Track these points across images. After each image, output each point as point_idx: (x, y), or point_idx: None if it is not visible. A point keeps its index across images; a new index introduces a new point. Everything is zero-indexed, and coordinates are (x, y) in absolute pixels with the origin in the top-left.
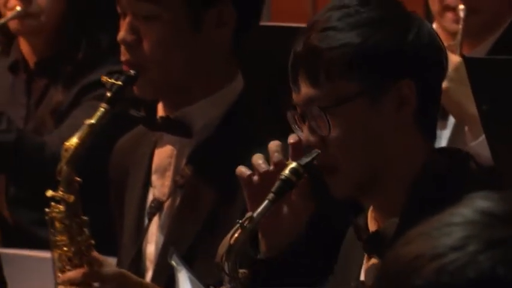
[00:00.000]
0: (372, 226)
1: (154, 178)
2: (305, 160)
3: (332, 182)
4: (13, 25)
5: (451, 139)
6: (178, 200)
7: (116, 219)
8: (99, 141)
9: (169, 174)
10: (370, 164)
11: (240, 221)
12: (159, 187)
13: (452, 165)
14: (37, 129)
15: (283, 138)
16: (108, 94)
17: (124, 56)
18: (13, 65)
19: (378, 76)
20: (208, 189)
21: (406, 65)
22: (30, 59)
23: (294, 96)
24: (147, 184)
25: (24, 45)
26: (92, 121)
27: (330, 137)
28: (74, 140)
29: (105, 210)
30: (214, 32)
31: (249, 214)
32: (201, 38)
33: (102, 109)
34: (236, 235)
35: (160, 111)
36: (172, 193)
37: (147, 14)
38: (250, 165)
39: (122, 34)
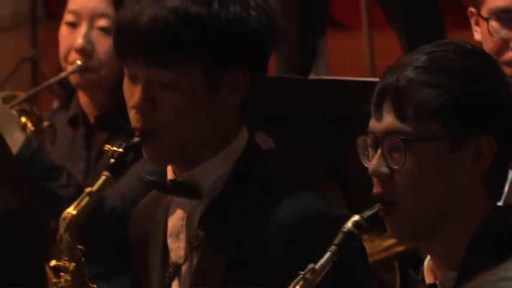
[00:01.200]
0: (428, 278)
1: (170, 242)
2: (368, 213)
3: (391, 220)
4: (73, 79)
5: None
6: (194, 262)
7: (143, 283)
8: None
9: (183, 236)
10: (432, 207)
11: (302, 273)
12: (175, 250)
13: None
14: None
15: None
16: (110, 162)
17: (137, 123)
18: (72, 118)
19: (464, 126)
20: (223, 248)
21: (492, 121)
22: (90, 113)
23: (373, 122)
24: (166, 248)
25: (83, 99)
26: (92, 189)
27: (401, 170)
28: (72, 208)
29: None
30: (229, 95)
31: (310, 266)
32: (216, 102)
33: (103, 177)
34: (298, 287)
35: (170, 173)
36: (188, 256)
37: (165, 82)
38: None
39: (137, 101)
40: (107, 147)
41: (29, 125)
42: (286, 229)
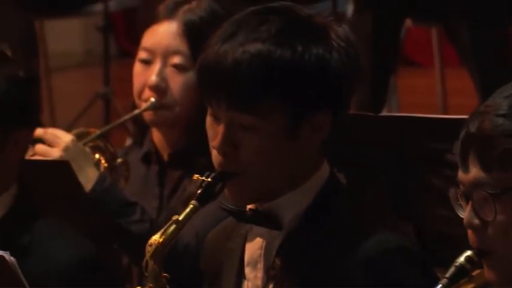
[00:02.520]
0: None
1: (247, 271)
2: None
3: (488, 266)
4: (147, 116)
5: None
6: None
7: None
8: None
9: (260, 266)
10: None
11: None
12: (253, 279)
13: None
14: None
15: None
16: (198, 191)
17: (219, 164)
18: (146, 156)
19: None
20: (300, 279)
21: None
22: (163, 150)
23: (461, 174)
24: (241, 277)
25: (157, 137)
26: (179, 218)
27: (493, 222)
28: (158, 235)
29: None
30: (311, 137)
31: None
32: (298, 143)
33: (191, 206)
34: None
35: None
36: (265, 285)
37: (246, 125)
38: (340, 251)
39: (219, 143)
40: (195, 176)
41: (103, 161)
42: (365, 262)
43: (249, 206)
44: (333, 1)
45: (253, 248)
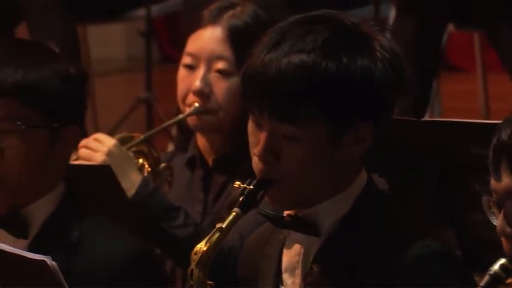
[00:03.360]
0: None
1: (285, 277)
2: None
3: None
4: (191, 121)
5: None
6: None
7: None
8: None
9: (298, 272)
10: None
11: None
12: (290, 286)
13: None
14: (214, 225)
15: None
16: (240, 199)
17: (260, 171)
18: (190, 160)
19: None
20: (338, 287)
21: None
22: (208, 155)
23: (493, 182)
24: (278, 283)
25: (201, 141)
26: (222, 225)
27: None
28: (203, 244)
29: None
30: (352, 147)
31: None
32: (339, 154)
33: (233, 213)
34: None
35: None
36: None
37: (288, 135)
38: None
39: (261, 151)
40: (237, 184)
41: (146, 166)
42: (403, 267)
43: (287, 212)
44: (375, 6)
45: (291, 254)
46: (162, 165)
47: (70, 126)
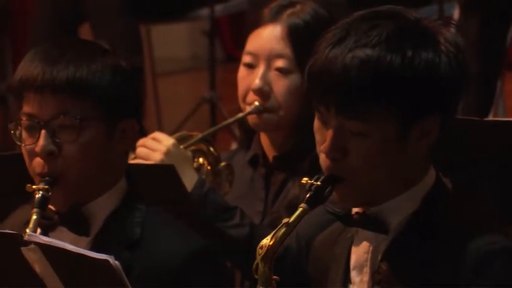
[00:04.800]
0: None
1: (353, 275)
2: None
3: None
4: (251, 120)
5: None
6: None
7: None
8: None
9: (366, 270)
10: None
11: None
12: (358, 283)
13: None
14: (273, 224)
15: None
16: (308, 195)
17: (327, 168)
18: (253, 159)
19: None
20: (406, 284)
21: None
22: (270, 153)
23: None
24: (346, 281)
25: (264, 139)
26: (289, 220)
27: None
28: (269, 238)
29: None
30: (419, 142)
31: None
32: (406, 148)
33: (300, 208)
34: None
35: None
36: None
37: (355, 131)
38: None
39: (327, 148)
40: (304, 180)
41: (206, 165)
42: (472, 264)
43: (355, 210)
44: (439, 5)
45: (360, 252)
46: (222, 164)
47: (127, 119)
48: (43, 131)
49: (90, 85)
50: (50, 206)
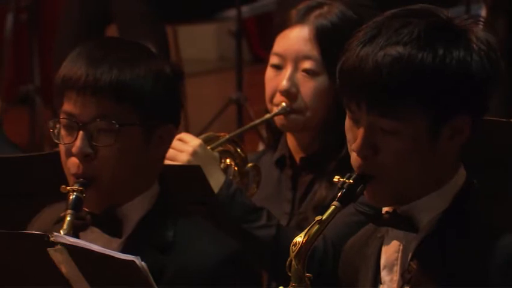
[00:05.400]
0: None
1: (383, 274)
2: None
3: None
4: (278, 121)
5: None
6: None
7: None
8: None
9: (397, 269)
10: None
11: None
12: (388, 283)
13: None
14: (300, 225)
15: None
16: (339, 193)
17: (358, 166)
18: (279, 160)
19: None
20: (436, 283)
21: None
22: (297, 154)
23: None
24: (376, 281)
25: (291, 141)
26: (322, 218)
27: None
28: (302, 236)
29: None
30: (451, 140)
31: None
32: (438, 147)
33: (333, 206)
34: None
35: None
36: None
37: (387, 129)
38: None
39: (359, 146)
40: (336, 178)
41: (233, 166)
42: (502, 263)
43: (386, 209)
44: (466, 6)
45: (390, 251)
46: (249, 164)
47: (165, 125)
48: (81, 132)
49: (132, 90)
50: (83, 207)
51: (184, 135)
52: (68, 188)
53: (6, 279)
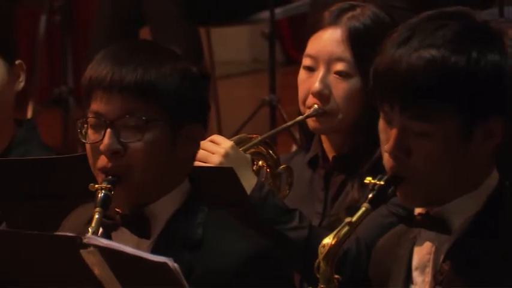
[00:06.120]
0: None
1: (415, 275)
2: None
3: None
4: (311, 123)
5: None
6: None
7: None
8: None
9: (428, 270)
10: None
11: None
12: (420, 284)
13: None
14: (332, 226)
15: None
16: (370, 194)
17: (390, 167)
18: (312, 159)
19: None
20: (468, 285)
21: None
22: (329, 154)
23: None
24: (408, 282)
25: (324, 141)
26: (352, 219)
27: None
28: (331, 237)
29: None
30: (483, 143)
31: None
32: (470, 150)
33: (363, 208)
34: None
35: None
36: None
37: (419, 131)
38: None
39: (391, 147)
40: (368, 179)
41: (265, 167)
42: None
43: (418, 210)
44: (499, 8)
45: (422, 252)
46: (282, 166)
47: (192, 124)
48: (109, 130)
49: (158, 88)
50: (113, 207)
51: (216, 137)
52: (96, 186)
53: (39, 281)
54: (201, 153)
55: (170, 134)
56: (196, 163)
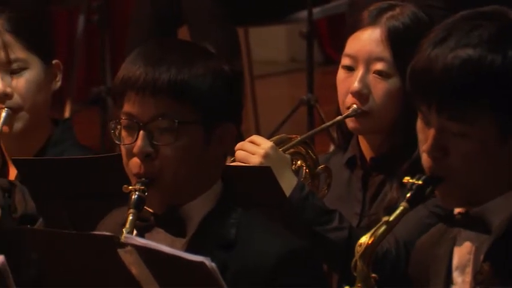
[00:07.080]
0: None
1: (455, 275)
2: None
3: None
4: (350, 123)
5: None
6: None
7: None
8: None
9: (469, 270)
10: None
11: None
12: (460, 284)
13: None
14: (370, 226)
15: None
16: (408, 194)
17: (429, 167)
18: (350, 160)
19: None
20: (509, 286)
21: None
22: (368, 155)
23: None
24: (448, 282)
25: (362, 141)
26: (390, 219)
27: None
28: (368, 236)
29: None
30: None
31: None
32: (507, 150)
33: (401, 207)
34: None
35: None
36: None
37: (456, 132)
38: None
39: (429, 147)
40: (406, 179)
41: (304, 168)
42: None
43: (458, 210)
44: None
45: (462, 252)
46: (320, 166)
47: (225, 124)
48: (141, 132)
49: (191, 89)
50: (146, 208)
51: (255, 137)
52: (130, 187)
53: (77, 281)
54: (241, 153)
55: (203, 134)
56: (236, 163)
